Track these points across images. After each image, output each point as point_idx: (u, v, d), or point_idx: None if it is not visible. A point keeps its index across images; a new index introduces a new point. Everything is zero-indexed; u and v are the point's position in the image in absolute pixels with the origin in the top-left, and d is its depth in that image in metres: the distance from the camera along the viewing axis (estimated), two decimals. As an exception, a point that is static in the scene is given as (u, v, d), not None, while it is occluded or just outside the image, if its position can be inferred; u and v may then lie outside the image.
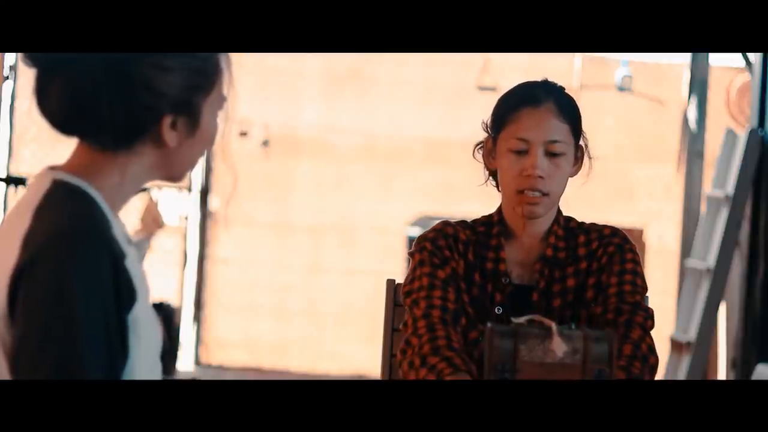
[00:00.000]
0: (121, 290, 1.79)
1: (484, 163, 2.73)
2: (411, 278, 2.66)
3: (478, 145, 2.74)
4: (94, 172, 1.87)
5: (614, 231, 2.70)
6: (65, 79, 1.84)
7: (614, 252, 2.67)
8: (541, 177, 2.60)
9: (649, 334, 2.61)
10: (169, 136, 1.89)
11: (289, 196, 9.11)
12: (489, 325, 2.21)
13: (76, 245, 1.76)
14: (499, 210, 2.71)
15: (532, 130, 2.61)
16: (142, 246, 4.45)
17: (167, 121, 1.87)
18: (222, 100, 1.95)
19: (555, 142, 2.61)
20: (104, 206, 1.85)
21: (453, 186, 9.17)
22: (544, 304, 2.63)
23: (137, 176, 1.91)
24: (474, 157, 2.74)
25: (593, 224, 2.72)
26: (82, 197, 1.84)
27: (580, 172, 2.70)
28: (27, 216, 1.81)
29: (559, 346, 2.17)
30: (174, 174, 1.95)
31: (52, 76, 1.85)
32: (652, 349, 2.59)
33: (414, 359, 2.56)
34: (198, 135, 1.92)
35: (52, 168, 1.89)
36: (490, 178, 2.74)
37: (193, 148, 1.93)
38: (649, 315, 2.63)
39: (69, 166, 1.89)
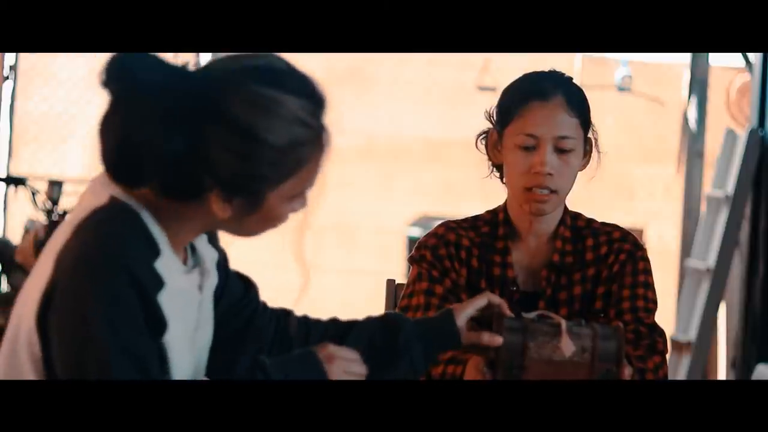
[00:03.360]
0: (147, 319, 1.75)
1: (488, 156, 2.62)
2: (409, 292, 2.58)
3: (480, 135, 2.62)
4: (151, 204, 1.80)
5: (624, 235, 2.60)
6: (125, 119, 1.74)
7: (626, 260, 2.58)
8: (550, 174, 2.50)
9: (666, 361, 2.56)
10: (220, 208, 1.78)
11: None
12: (499, 319, 2.19)
13: (97, 272, 1.72)
14: (504, 207, 2.62)
15: (540, 125, 2.51)
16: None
17: (218, 196, 1.76)
18: (304, 187, 1.82)
19: (564, 138, 2.51)
20: (157, 234, 1.79)
21: (453, 186, 9.17)
22: (551, 312, 2.55)
23: (193, 228, 1.84)
24: (477, 148, 2.62)
25: (602, 225, 2.63)
26: (134, 218, 1.78)
27: (588, 166, 2.60)
28: (68, 230, 1.77)
29: (567, 346, 2.16)
30: (236, 235, 1.86)
31: (116, 113, 1.75)
32: (666, 375, 2.55)
33: None
34: (259, 215, 1.80)
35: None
36: (494, 170, 2.63)
37: (252, 225, 1.82)
38: (664, 339, 2.56)
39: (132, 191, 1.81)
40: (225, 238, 1.99)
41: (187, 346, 1.89)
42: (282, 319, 2.13)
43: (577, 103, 2.56)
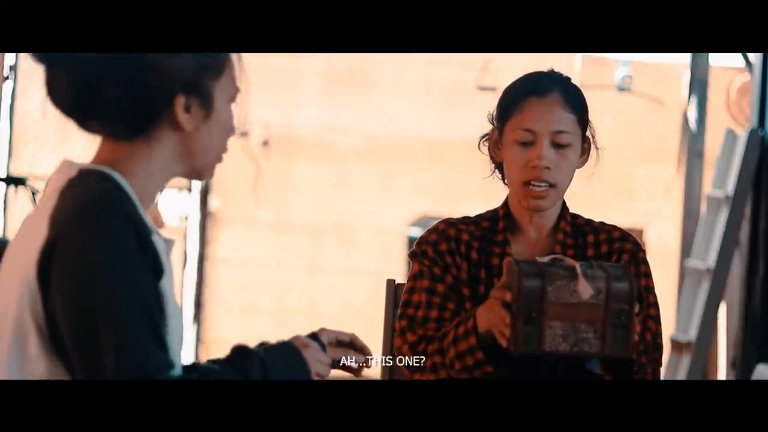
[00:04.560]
0: (147, 260, 1.83)
1: (490, 155, 2.68)
2: (410, 287, 2.61)
3: (483, 137, 2.69)
4: (119, 164, 1.91)
5: (624, 235, 2.65)
6: (71, 65, 1.87)
7: (629, 261, 2.61)
8: (547, 168, 2.55)
9: (659, 366, 2.57)
10: (184, 119, 1.91)
11: (288, 196, 9.11)
12: (514, 264, 2.22)
13: (98, 217, 1.80)
14: (505, 203, 2.67)
15: (538, 120, 2.57)
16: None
17: (180, 102, 1.90)
18: (234, 88, 1.98)
19: (561, 132, 2.57)
20: (131, 192, 1.89)
21: (453, 186, 9.17)
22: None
23: (161, 167, 1.94)
24: (479, 150, 2.69)
25: (601, 224, 2.67)
26: (108, 180, 1.88)
27: (586, 164, 2.65)
28: (54, 197, 1.86)
29: (584, 289, 2.20)
30: (198, 165, 1.96)
31: (58, 64, 1.88)
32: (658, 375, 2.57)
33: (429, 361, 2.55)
34: (214, 120, 1.94)
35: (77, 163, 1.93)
36: (496, 170, 2.69)
37: (211, 135, 1.95)
38: (661, 352, 2.59)
39: (94, 160, 1.93)
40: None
41: (176, 312, 1.93)
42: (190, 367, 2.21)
43: (573, 99, 2.61)
